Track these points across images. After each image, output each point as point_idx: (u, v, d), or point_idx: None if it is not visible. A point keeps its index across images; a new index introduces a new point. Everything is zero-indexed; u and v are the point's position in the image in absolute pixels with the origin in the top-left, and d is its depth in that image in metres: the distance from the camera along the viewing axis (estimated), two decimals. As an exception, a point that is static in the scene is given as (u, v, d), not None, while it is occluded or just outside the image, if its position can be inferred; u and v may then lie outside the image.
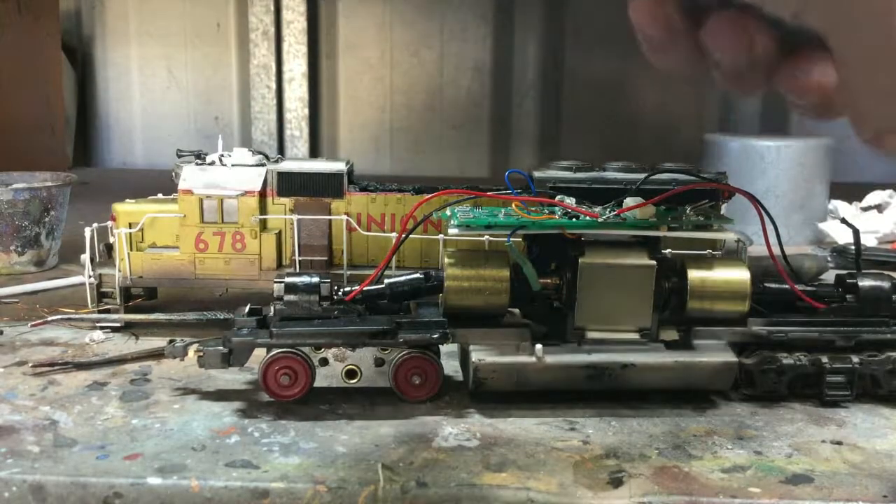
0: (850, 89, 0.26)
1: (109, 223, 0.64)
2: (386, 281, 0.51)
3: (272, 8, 1.78)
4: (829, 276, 0.73)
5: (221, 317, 0.61)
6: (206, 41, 1.86)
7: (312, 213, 0.63)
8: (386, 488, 0.41)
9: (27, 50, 1.45)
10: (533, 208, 0.50)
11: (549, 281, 0.51)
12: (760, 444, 0.47)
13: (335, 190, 0.63)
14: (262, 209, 0.62)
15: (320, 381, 0.51)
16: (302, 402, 0.50)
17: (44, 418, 0.48)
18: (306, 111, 1.82)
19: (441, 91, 1.85)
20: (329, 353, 0.51)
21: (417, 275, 0.51)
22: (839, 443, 0.47)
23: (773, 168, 1.01)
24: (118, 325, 0.63)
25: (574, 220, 0.49)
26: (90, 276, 0.63)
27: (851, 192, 1.13)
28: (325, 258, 0.63)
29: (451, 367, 0.55)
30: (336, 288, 0.50)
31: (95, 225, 0.63)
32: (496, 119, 1.85)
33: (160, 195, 0.68)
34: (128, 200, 0.65)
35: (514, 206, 0.50)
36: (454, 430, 0.47)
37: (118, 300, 0.63)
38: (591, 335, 0.51)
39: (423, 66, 1.84)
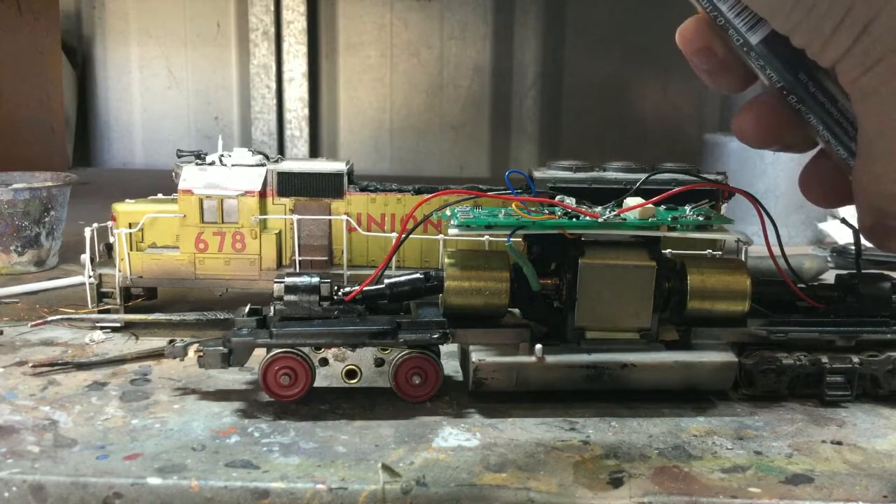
0: None
1: (109, 223, 0.64)
2: (386, 281, 0.51)
3: (272, 8, 1.78)
4: (829, 276, 0.73)
5: (221, 317, 0.61)
6: (206, 41, 1.86)
7: (312, 213, 0.63)
8: (386, 488, 0.41)
9: (27, 50, 1.45)
10: (533, 208, 0.50)
11: (549, 281, 0.51)
12: (760, 444, 0.47)
13: (335, 190, 0.63)
14: (262, 209, 0.62)
15: (320, 381, 0.51)
16: (302, 402, 0.50)
17: (44, 418, 0.48)
18: (306, 111, 1.82)
19: (441, 91, 1.85)
20: (329, 353, 0.51)
21: (417, 275, 0.51)
22: (839, 443, 0.47)
23: (773, 168, 1.01)
24: (118, 325, 0.63)
25: (574, 220, 0.49)
26: (90, 276, 0.63)
27: (851, 192, 1.13)
28: (325, 258, 0.63)
29: (451, 367, 0.55)
30: (336, 288, 0.50)
31: (95, 225, 0.63)
32: (496, 119, 1.85)
33: (160, 195, 0.68)
34: (128, 200, 0.65)
35: (514, 206, 0.50)
36: (454, 430, 0.47)
37: (118, 300, 0.63)
38: (591, 335, 0.51)
39: (423, 66, 1.84)
